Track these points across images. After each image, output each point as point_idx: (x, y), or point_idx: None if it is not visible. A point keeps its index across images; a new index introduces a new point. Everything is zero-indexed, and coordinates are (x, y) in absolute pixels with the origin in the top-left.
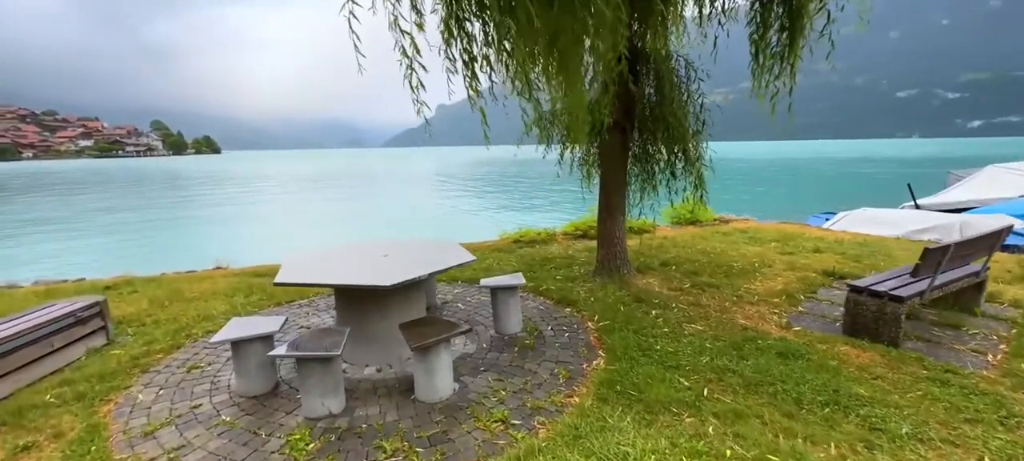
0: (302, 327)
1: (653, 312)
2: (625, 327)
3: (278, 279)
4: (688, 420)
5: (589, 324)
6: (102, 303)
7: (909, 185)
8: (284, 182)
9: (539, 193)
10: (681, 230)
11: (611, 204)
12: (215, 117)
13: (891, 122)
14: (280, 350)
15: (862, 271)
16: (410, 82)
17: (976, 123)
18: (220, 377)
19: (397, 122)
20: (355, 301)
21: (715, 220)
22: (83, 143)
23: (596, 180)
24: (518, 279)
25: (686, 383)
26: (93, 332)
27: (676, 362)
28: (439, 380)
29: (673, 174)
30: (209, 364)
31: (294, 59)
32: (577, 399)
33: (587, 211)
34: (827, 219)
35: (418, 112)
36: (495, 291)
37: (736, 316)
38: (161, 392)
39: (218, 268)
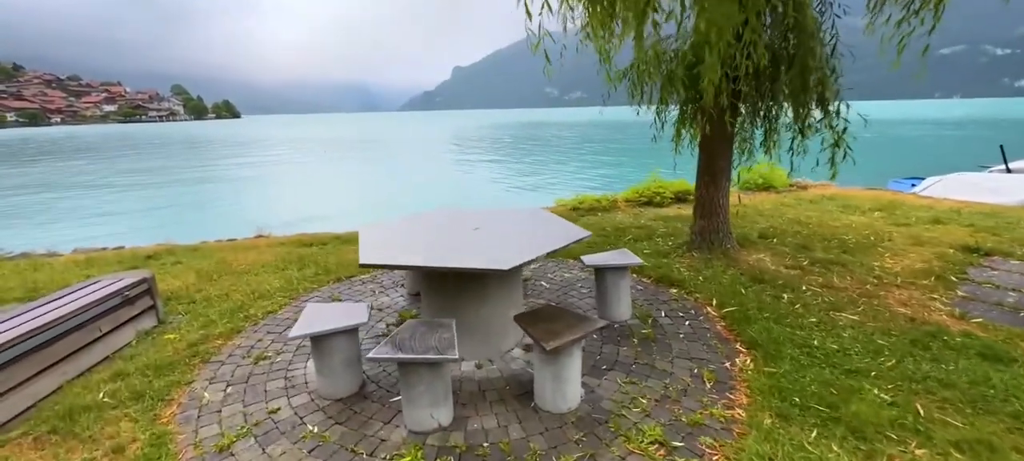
0: (373, 308)
1: (786, 296)
2: (759, 315)
3: (365, 260)
4: (918, 451)
5: (709, 310)
6: (150, 280)
7: (1002, 147)
8: (308, 145)
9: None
10: (757, 196)
11: (715, 166)
12: (233, 81)
13: (930, 81)
14: (381, 351)
15: (1009, 248)
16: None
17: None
18: (294, 371)
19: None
20: (448, 285)
21: (791, 186)
22: (107, 108)
23: (683, 141)
24: (630, 257)
25: (886, 396)
26: (142, 313)
27: (851, 364)
28: (571, 388)
29: (802, 132)
30: (278, 354)
31: (308, 22)
32: (742, 413)
33: (649, 176)
34: (913, 184)
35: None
36: (601, 271)
37: (888, 302)
38: (230, 390)
39: (260, 236)
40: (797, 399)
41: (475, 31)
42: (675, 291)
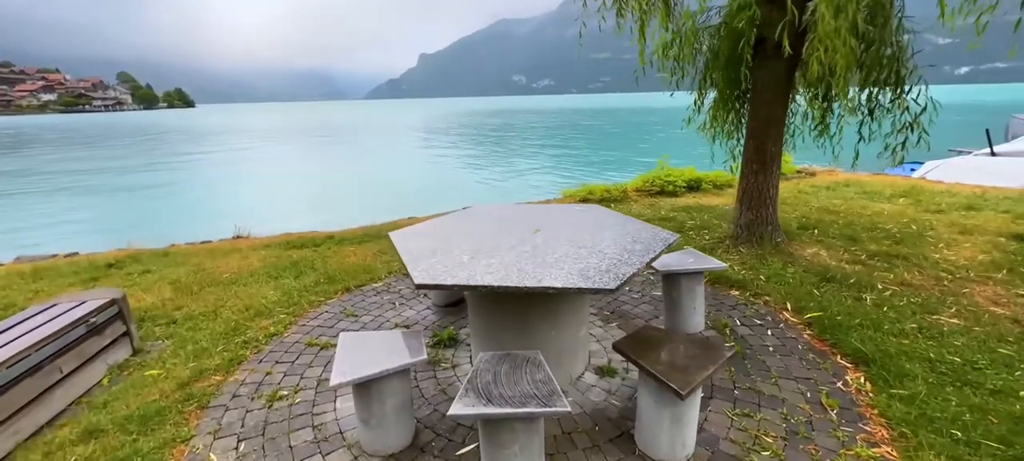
0: (399, 324)
1: (866, 297)
2: (850, 322)
3: (421, 279)
4: None
5: (786, 315)
6: (121, 301)
7: (987, 131)
8: (274, 136)
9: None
10: None
11: (765, 152)
12: (186, 68)
13: None
14: (464, 406)
15: None
16: None
17: (964, 70)
18: (322, 415)
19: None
20: (509, 302)
21: (798, 172)
22: (46, 97)
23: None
24: (706, 260)
25: None
26: (113, 342)
27: (989, 381)
28: (690, 431)
29: (871, 113)
30: (296, 392)
31: (267, 6)
32: (894, 453)
33: (657, 164)
34: (913, 168)
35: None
36: (672, 277)
37: (977, 300)
38: (243, 448)
39: (239, 237)
40: (958, 433)
41: (441, 17)
42: (738, 293)
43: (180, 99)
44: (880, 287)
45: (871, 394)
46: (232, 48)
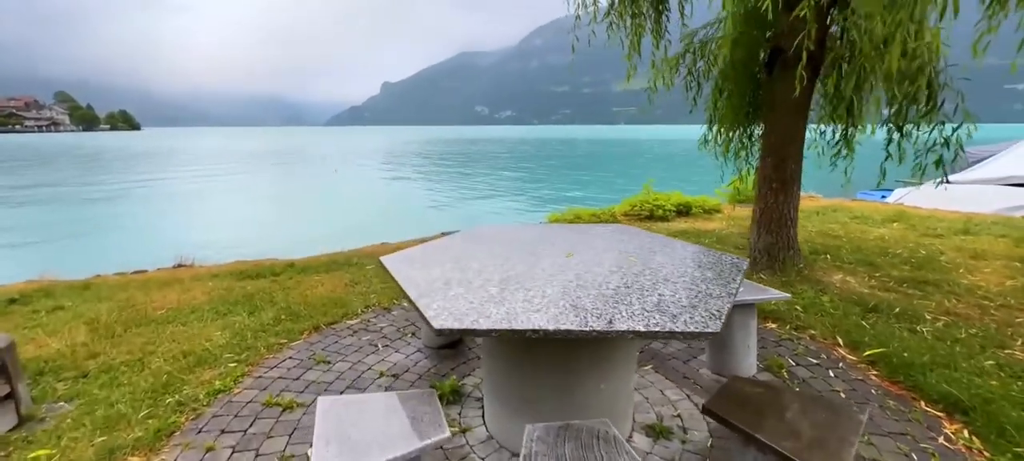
0: (384, 374)
1: (922, 329)
2: (918, 359)
3: (442, 324)
4: None
5: (841, 351)
6: (4, 351)
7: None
8: (226, 159)
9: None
10: (750, 208)
11: (785, 171)
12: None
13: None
14: None
15: None
16: None
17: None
18: None
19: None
20: (544, 348)
21: None
22: None
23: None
24: (764, 291)
25: None
26: None
27: None
28: None
29: (900, 128)
30: None
31: (224, 29)
32: None
33: (643, 188)
34: (884, 196)
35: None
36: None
37: None
38: None
39: (181, 266)
40: None
41: (405, 48)
42: (776, 326)
43: (124, 121)
44: (928, 317)
45: (987, 453)
46: (184, 71)
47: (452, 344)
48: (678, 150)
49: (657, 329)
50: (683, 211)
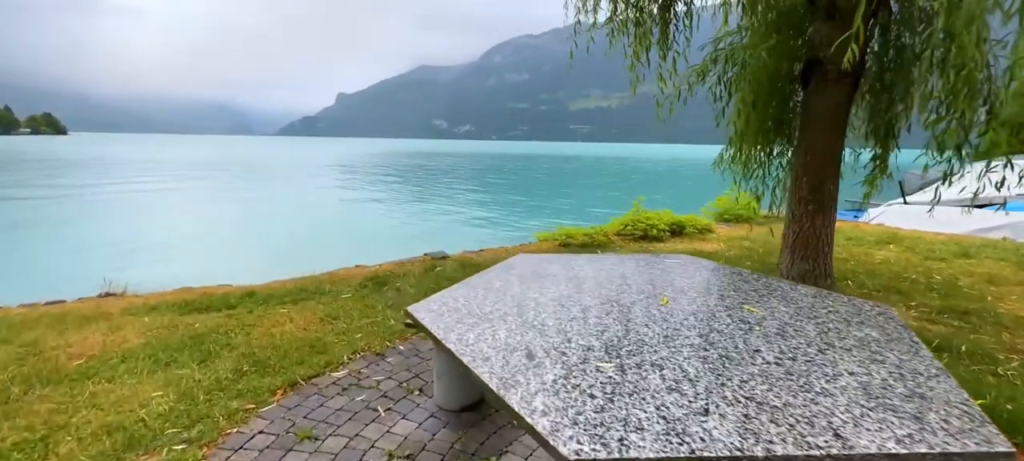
0: (395, 455)
1: (1005, 372)
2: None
3: (584, 453)
4: None
5: None
6: None
7: (900, 182)
8: (164, 169)
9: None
10: (738, 229)
11: (823, 191)
12: (63, 93)
13: None
14: None
15: None
16: None
17: None
18: None
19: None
20: None
21: (765, 217)
22: None
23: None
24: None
25: None
26: None
27: None
28: None
29: (959, 149)
30: None
31: (164, 33)
32: None
33: (633, 206)
34: (857, 216)
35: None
36: None
37: None
38: None
39: (109, 295)
40: None
41: (361, 59)
42: None
43: (48, 125)
44: (1002, 357)
45: None
46: (125, 74)
47: (473, 405)
48: (637, 167)
49: (925, 451)
50: (676, 231)
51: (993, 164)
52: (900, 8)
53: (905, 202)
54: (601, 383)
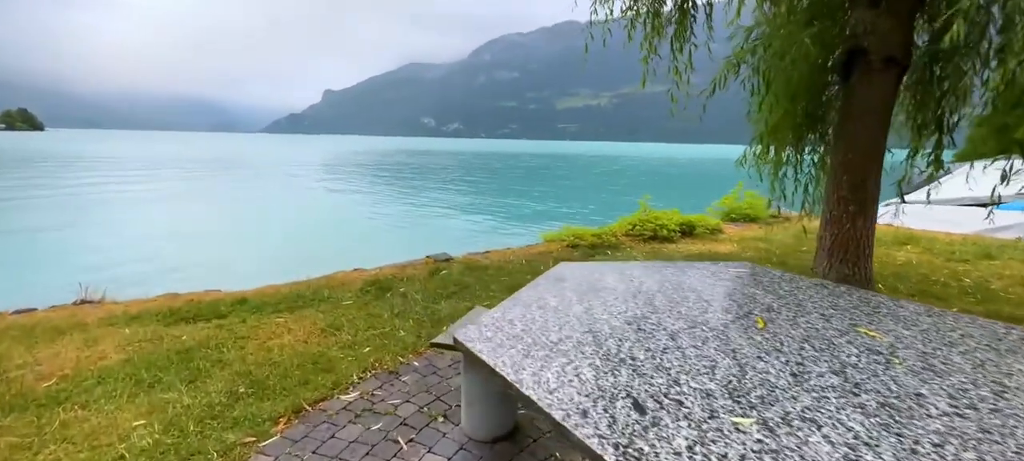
0: None
1: None
2: None
3: None
4: None
5: None
6: None
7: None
8: (147, 167)
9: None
10: (749, 229)
11: (866, 191)
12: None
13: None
14: None
15: None
16: None
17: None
18: None
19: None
20: None
21: (774, 216)
22: None
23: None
24: None
25: None
26: None
27: None
28: None
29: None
30: None
31: (151, 26)
32: None
33: (640, 206)
34: None
35: None
36: None
37: None
38: None
39: (85, 303)
40: None
41: (348, 57)
42: None
43: (24, 121)
44: None
45: None
46: (106, 69)
47: (506, 435)
48: (630, 165)
49: None
50: (686, 231)
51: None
52: None
53: (903, 201)
54: (754, 452)
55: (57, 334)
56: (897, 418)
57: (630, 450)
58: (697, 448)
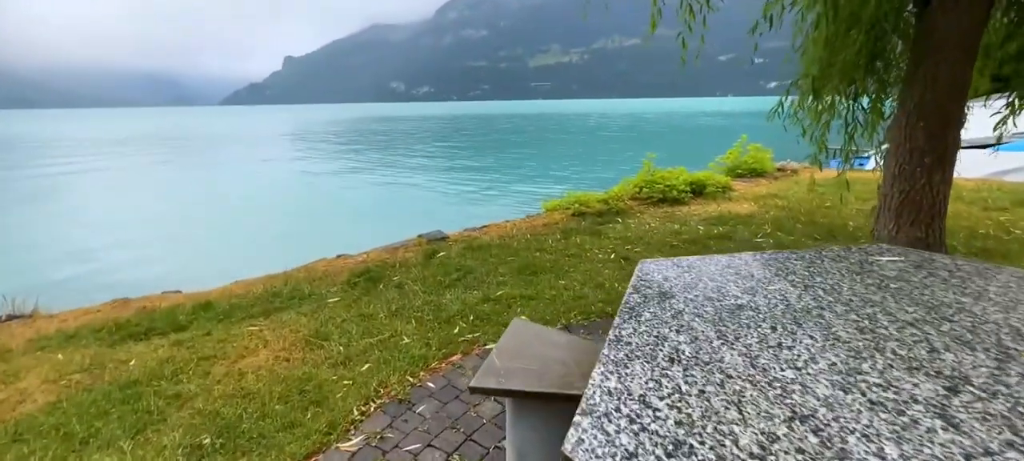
0: None
1: None
2: None
3: None
4: None
5: None
6: None
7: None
8: (91, 148)
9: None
10: (757, 185)
11: (944, 140)
12: None
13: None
14: None
15: None
16: None
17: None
18: None
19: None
20: None
21: (780, 170)
22: None
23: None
24: None
25: None
26: None
27: None
28: None
29: None
30: None
31: (94, 1)
32: None
33: (643, 165)
34: (861, 163)
35: None
36: None
37: None
38: None
39: (13, 318)
40: None
41: (306, 20)
42: None
43: None
44: None
45: None
46: (41, 44)
47: None
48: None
49: None
50: (697, 190)
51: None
52: None
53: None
54: None
55: None
56: None
57: None
58: None
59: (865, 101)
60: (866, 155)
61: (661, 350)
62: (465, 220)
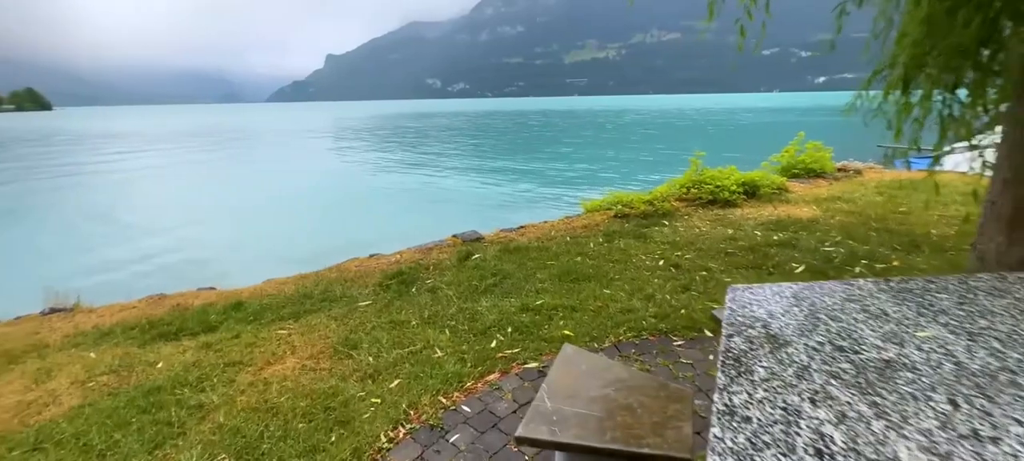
0: None
1: None
2: None
3: None
4: None
5: None
6: None
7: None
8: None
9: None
10: (817, 186)
11: None
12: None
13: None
14: None
15: None
16: None
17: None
18: None
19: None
20: None
21: (841, 170)
22: None
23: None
24: None
25: None
26: None
27: None
28: None
29: None
30: None
31: (148, 1)
32: None
33: (690, 164)
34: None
35: None
36: None
37: None
38: None
39: (54, 312)
40: None
41: (348, 18)
42: None
43: (32, 101)
44: None
45: None
46: (107, 44)
47: None
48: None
49: None
50: (750, 192)
51: None
52: None
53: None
54: None
55: (7, 364)
56: None
57: None
58: None
59: (961, 93)
60: (927, 155)
61: (799, 434)
62: (503, 220)
